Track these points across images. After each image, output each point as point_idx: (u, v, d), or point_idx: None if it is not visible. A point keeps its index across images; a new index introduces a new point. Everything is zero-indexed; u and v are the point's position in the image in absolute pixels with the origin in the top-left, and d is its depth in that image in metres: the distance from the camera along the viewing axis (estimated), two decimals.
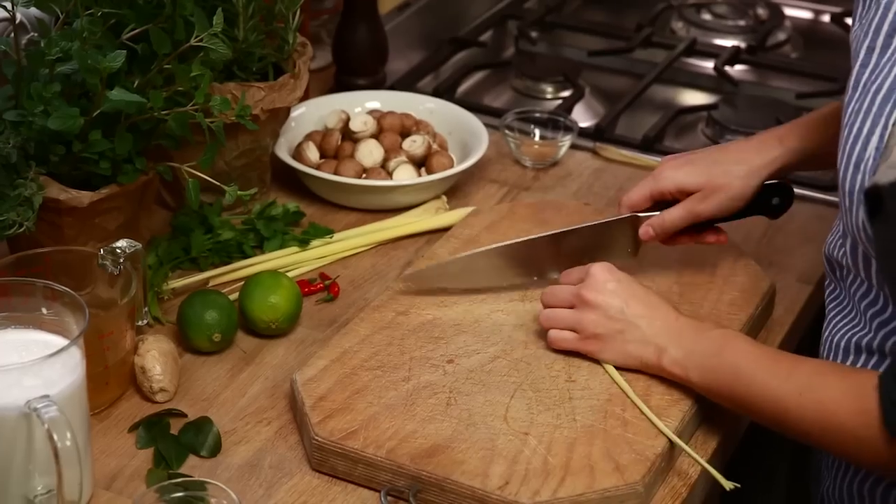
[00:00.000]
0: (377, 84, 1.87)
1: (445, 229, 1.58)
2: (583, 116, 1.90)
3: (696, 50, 2.06)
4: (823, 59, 2.10)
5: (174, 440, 1.28)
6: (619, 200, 1.43)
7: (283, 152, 1.65)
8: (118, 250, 1.31)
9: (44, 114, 1.32)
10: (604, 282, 1.31)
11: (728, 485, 1.22)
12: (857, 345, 1.24)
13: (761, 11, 2.20)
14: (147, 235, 1.50)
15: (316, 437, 1.24)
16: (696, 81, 2.03)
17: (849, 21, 2.17)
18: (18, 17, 1.37)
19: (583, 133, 1.78)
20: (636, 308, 1.29)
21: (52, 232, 1.39)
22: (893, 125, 1.08)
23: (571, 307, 1.32)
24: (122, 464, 1.26)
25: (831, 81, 1.95)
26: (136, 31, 1.39)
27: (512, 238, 1.44)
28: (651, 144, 1.78)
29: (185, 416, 1.31)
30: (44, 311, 1.21)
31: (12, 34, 1.36)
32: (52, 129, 1.31)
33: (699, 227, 1.42)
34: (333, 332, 1.43)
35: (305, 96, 1.72)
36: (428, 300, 1.42)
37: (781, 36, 2.15)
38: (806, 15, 2.25)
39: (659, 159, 1.74)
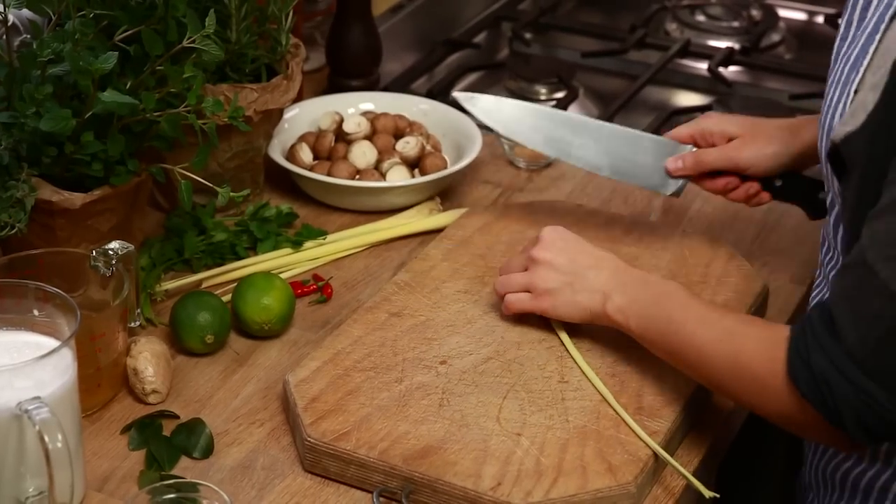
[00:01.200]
0: (371, 85, 1.87)
1: (439, 230, 1.58)
2: None
3: (690, 51, 2.06)
4: (817, 60, 2.10)
5: (166, 442, 1.28)
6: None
7: (277, 154, 1.65)
8: (110, 252, 1.31)
9: (36, 115, 1.31)
10: (552, 241, 1.34)
11: (708, 494, 1.21)
12: None
13: (755, 13, 2.20)
14: (140, 237, 1.50)
15: (308, 439, 1.24)
16: (690, 82, 2.03)
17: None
18: (10, 18, 1.37)
19: None
20: (584, 260, 1.32)
21: (45, 233, 1.39)
22: (855, 92, 1.11)
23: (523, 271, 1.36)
24: (114, 465, 1.26)
25: (825, 82, 1.95)
26: (129, 32, 1.39)
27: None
28: None
29: (177, 417, 1.31)
30: (35, 312, 1.21)
31: (4, 36, 1.36)
32: (45, 130, 1.31)
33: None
34: (326, 333, 1.43)
35: (299, 98, 1.71)
36: (421, 301, 1.42)
37: (775, 37, 2.16)
38: (800, 16, 2.26)
39: None
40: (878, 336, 1.07)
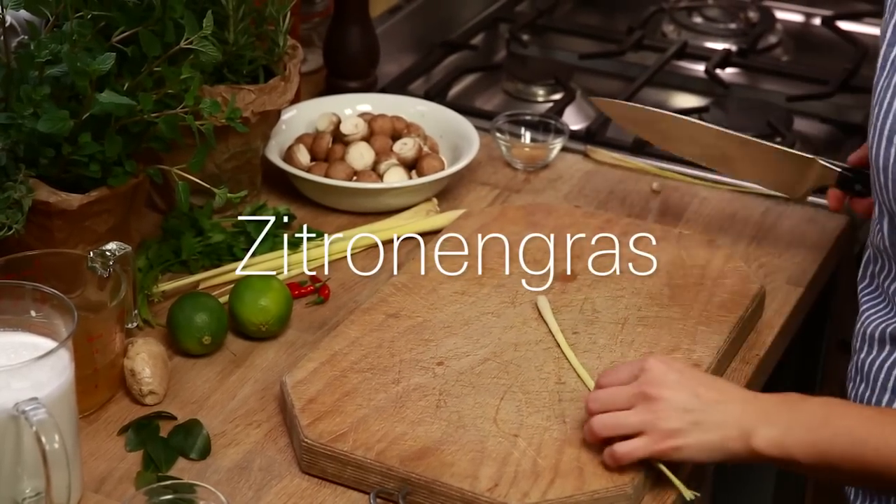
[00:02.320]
0: (368, 87, 1.87)
1: (436, 232, 1.58)
2: (574, 119, 1.90)
3: (687, 53, 2.06)
4: (814, 61, 2.10)
5: (163, 443, 1.28)
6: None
7: (274, 155, 1.65)
8: (108, 253, 1.31)
9: (33, 116, 1.31)
10: (664, 374, 1.19)
11: (688, 495, 1.21)
12: (892, 335, 1.23)
13: (752, 14, 2.20)
14: (137, 238, 1.50)
15: (305, 440, 1.24)
16: (688, 84, 2.03)
17: (839, 24, 2.18)
18: (8, 19, 1.37)
19: (574, 136, 1.78)
20: (708, 395, 1.18)
21: (42, 235, 1.39)
22: None
23: (629, 408, 1.19)
24: (111, 466, 1.26)
25: (822, 84, 1.96)
26: (126, 33, 1.39)
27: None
28: (641, 147, 1.78)
29: (174, 418, 1.31)
30: (33, 313, 1.21)
31: (2, 37, 1.36)
32: (42, 131, 1.31)
33: None
34: (323, 334, 1.43)
35: (296, 99, 1.72)
36: (418, 302, 1.42)
37: (772, 39, 2.16)
38: (797, 18, 2.26)
39: (649, 162, 1.75)
40: None
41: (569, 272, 1.48)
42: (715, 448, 1.17)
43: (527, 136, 1.77)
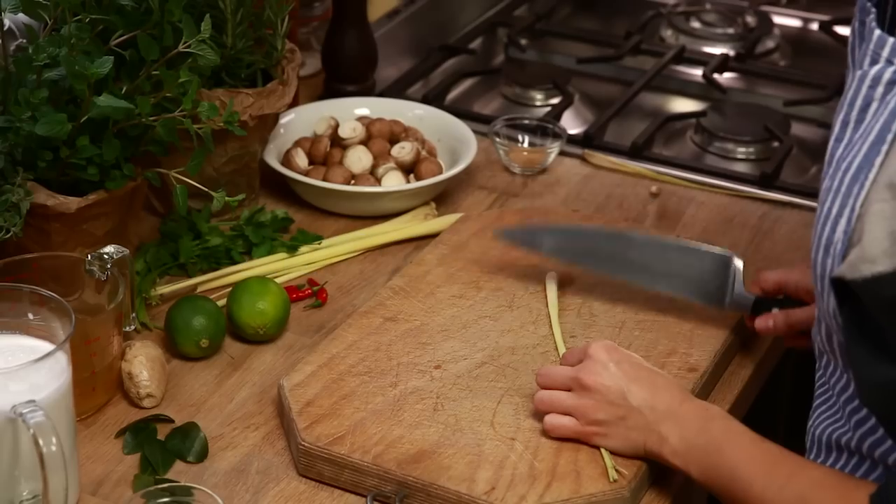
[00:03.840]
0: (366, 91, 1.87)
1: (434, 235, 1.58)
2: (572, 123, 1.90)
3: (684, 57, 2.06)
4: (812, 66, 2.11)
5: (161, 446, 1.28)
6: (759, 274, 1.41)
7: (272, 158, 1.65)
8: (106, 256, 1.31)
9: (31, 120, 1.32)
10: (604, 363, 1.24)
11: (613, 474, 1.20)
12: (838, 442, 1.19)
13: (750, 19, 2.20)
14: (135, 241, 1.50)
15: (303, 443, 1.25)
16: (685, 89, 2.03)
17: (837, 29, 2.18)
18: (6, 22, 1.37)
19: (571, 140, 1.79)
20: (639, 392, 1.22)
21: (40, 238, 1.39)
22: (861, 206, 1.02)
23: (569, 390, 1.25)
24: (108, 469, 1.26)
25: (819, 89, 1.96)
26: (124, 37, 1.39)
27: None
28: (639, 151, 1.79)
29: (172, 421, 1.31)
30: (30, 316, 1.21)
31: (0, 40, 1.36)
32: (40, 134, 1.31)
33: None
34: (321, 337, 1.43)
35: (294, 103, 1.72)
36: (416, 306, 1.42)
37: (770, 44, 2.16)
38: (794, 23, 2.26)
39: (647, 166, 1.75)
40: None
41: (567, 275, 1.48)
42: (635, 445, 1.22)
43: (525, 140, 1.77)
